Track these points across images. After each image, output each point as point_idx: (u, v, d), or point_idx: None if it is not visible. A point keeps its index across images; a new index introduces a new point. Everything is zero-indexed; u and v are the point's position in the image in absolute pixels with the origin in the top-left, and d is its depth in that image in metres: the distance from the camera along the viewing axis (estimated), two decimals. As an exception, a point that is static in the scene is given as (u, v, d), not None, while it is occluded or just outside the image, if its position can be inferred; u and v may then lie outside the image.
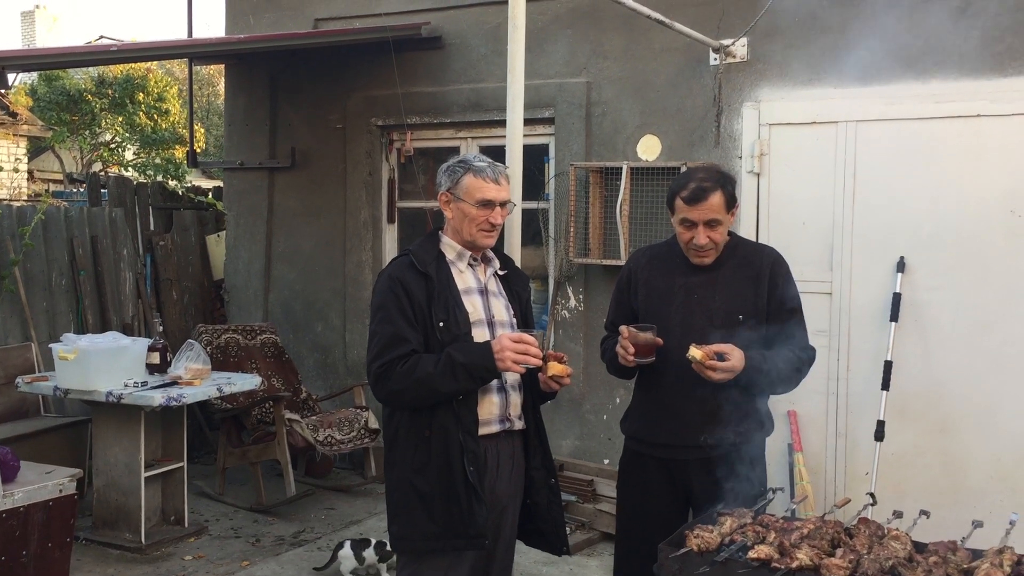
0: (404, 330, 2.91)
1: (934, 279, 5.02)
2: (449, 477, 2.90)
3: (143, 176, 14.78)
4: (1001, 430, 4.87)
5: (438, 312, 2.92)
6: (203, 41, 7.71)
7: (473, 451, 2.90)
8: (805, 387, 5.07)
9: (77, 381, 5.14)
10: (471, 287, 3.05)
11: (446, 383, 2.85)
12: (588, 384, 6.02)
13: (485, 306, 3.04)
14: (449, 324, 2.92)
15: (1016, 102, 4.79)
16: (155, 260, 7.41)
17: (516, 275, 3.25)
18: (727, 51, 5.50)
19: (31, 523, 4.40)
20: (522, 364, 2.84)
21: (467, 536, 2.90)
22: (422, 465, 2.94)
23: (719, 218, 3.16)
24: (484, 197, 2.98)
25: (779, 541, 2.54)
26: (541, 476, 3.14)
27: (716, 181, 3.19)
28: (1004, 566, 2.43)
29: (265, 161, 7.35)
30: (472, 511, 2.88)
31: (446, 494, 2.90)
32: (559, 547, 3.18)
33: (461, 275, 3.04)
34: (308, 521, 5.84)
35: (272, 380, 6.49)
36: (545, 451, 3.17)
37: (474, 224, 3.00)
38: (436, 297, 2.93)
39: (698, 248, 3.19)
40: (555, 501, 3.17)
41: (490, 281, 3.11)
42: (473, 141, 6.60)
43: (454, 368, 2.83)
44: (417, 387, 2.87)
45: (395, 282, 2.96)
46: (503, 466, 3.05)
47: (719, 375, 3.01)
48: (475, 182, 2.99)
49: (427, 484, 2.93)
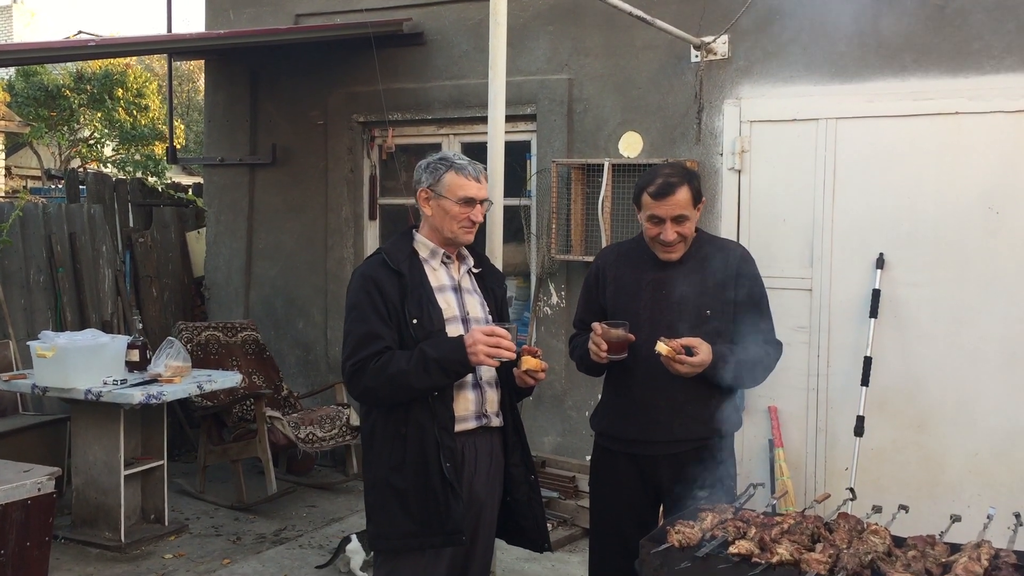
0: (377, 328, 2.90)
1: (913, 275, 5.05)
2: (425, 474, 2.89)
3: (122, 172, 14.67)
4: (978, 425, 4.91)
5: (411, 310, 2.91)
6: (183, 36, 7.67)
7: (450, 447, 2.89)
8: (785, 383, 5.18)
9: (56, 379, 5.11)
10: (444, 284, 3.04)
11: (419, 379, 2.84)
12: (570, 381, 6.02)
13: (459, 303, 3.04)
14: (423, 321, 2.91)
15: (994, 100, 4.83)
16: (134, 257, 7.36)
17: (491, 272, 3.24)
18: (708, 48, 5.51)
19: (9, 522, 4.36)
20: (495, 357, 2.83)
21: (444, 533, 2.89)
22: (399, 462, 2.93)
23: (686, 213, 3.17)
24: (466, 195, 2.98)
25: (759, 536, 2.55)
26: (520, 472, 3.13)
27: (682, 176, 3.21)
28: (982, 560, 2.45)
29: (246, 157, 7.31)
30: (449, 507, 2.88)
31: (423, 491, 2.89)
32: (540, 544, 3.17)
33: (434, 273, 3.03)
34: (290, 519, 5.82)
35: (253, 377, 6.47)
36: (524, 447, 3.17)
37: (455, 221, 2.99)
38: (409, 295, 2.93)
39: (665, 244, 3.20)
40: (535, 498, 3.16)
41: (464, 278, 3.11)
42: (455, 138, 6.59)
43: (427, 363, 2.82)
44: (390, 383, 2.86)
45: (368, 280, 2.95)
46: (481, 463, 3.04)
47: (687, 368, 3.03)
48: (457, 179, 2.99)
49: (404, 481, 2.92)
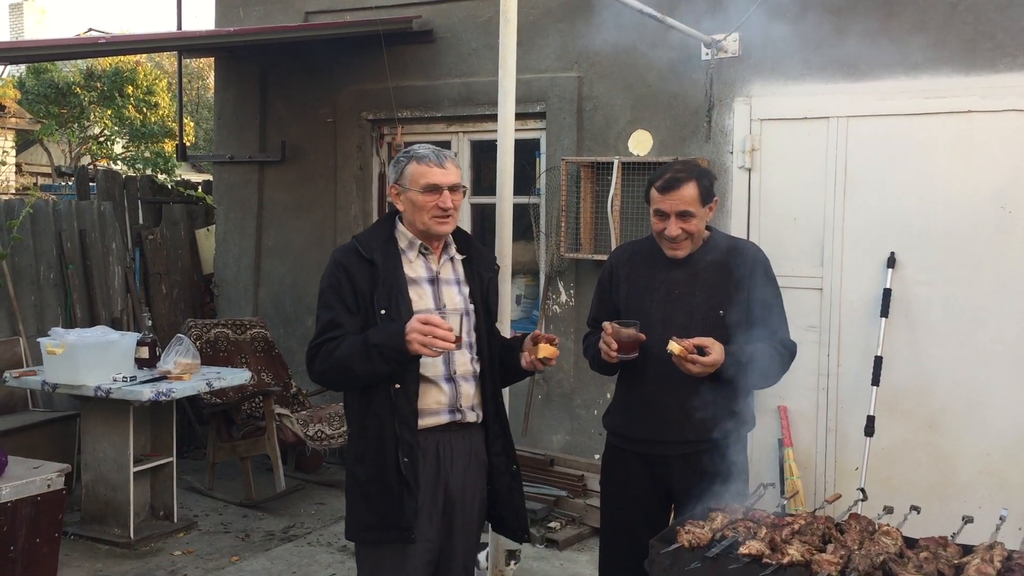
0: (340, 316, 2.89)
1: (924, 275, 5.03)
2: (383, 468, 2.86)
3: (132, 170, 14.71)
4: (990, 425, 4.88)
5: (380, 300, 2.88)
6: (193, 34, 7.68)
7: (408, 442, 2.85)
8: (795, 382, 5.15)
9: (65, 376, 5.12)
10: (420, 276, 2.98)
11: (362, 364, 2.81)
12: (579, 379, 6.01)
13: (435, 295, 2.98)
14: (391, 312, 2.86)
15: (1006, 98, 4.80)
16: (144, 254, 7.37)
17: (478, 255, 3.14)
18: (719, 46, 5.49)
19: (19, 518, 4.37)
20: (432, 347, 2.75)
21: (399, 528, 2.85)
22: (360, 454, 2.93)
23: (691, 210, 3.14)
24: (429, 182, 2.91)
25: (770, 537, 2.54)
26: (502, 462, 3.08)
27: (692, 173, 3.19)
28: (994, 561, 2.43)
29: (255, 155, 7.32)
30: (402, 503, 2.84)
31: (380, 485, 2.87)
32: (520, 534, 3.15)
33: (411, 264, 2.98)
34: (298, 516, 5.82)
35: (262, 375, 6.47)
36: (506, 438, 3.11)
37: (425, 212, 2.92)
38: (380, 285, 2.89)
39: (670, 240, 3.18)
40: (516, 488, 3.12)
41: (444, 268, 3.04)
42: (464, 135, 6.58)
43: (368, 349, 2.79)
44: (336, 368, 2.85)
45: (338, 267, 2.94)
46: (457, 460, 2.97)
47: (699, 368, 3.01)
48: (419, 168, 2.93)
49: (364, 474, 2.91)
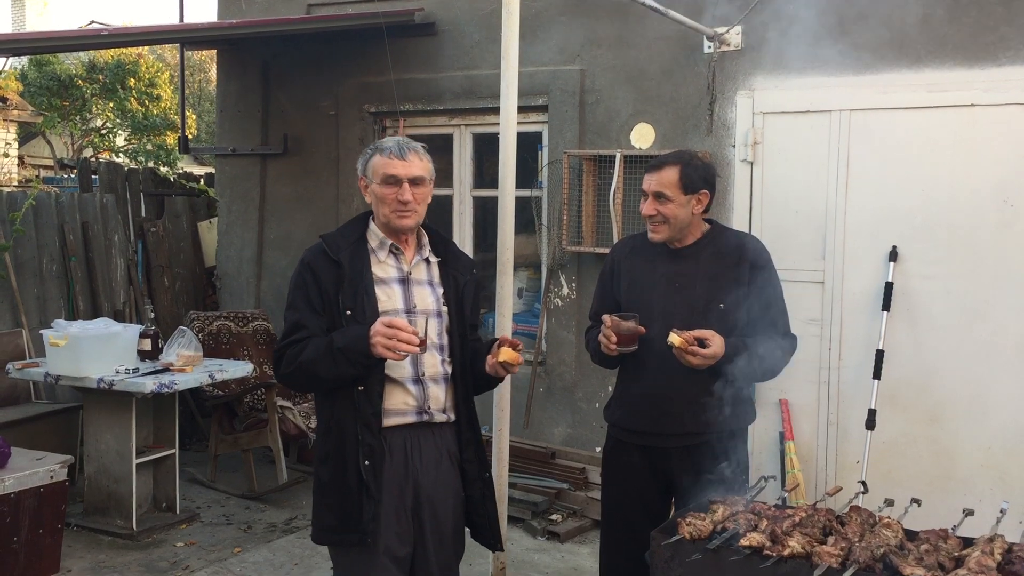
0: (306, 318, 2.88)
1: (926, 268, 5.03)
2: (344, 469, 2.84)
3: (134, 162, 14.71)
4: (991, 419, 4.89)
5: (346, 301, 2.85)
6: (195, 26, 7.67)
7: (369, 444, 2.82)
8: (797, 376, 5.16)
9: (68, 367, 5.13)
10: (390, 276, 2.95)
11: (326, 367, 2.79)
12: (580, 372, 6.02)
13: (405, 295, 2.93)
14: (356, 314, 2.84)
15: (1009, 91, 4.79)
16: (146, 246, 7.38)
17: (454, 258, 3.09)
18: (721, 39, 5.48)
19: (22, 509, 4.39)
20: (396, 351, 2.72)
21: (357, 532, 2.82)
22: (324, 455, 2.91)
23: (668, 193, 3.15)
24: (387, 172, 2.88)
25: (771, 529, 2.55)
26: (474, 469, 3.02)
27: (679, 159, 3.21)
28: (995, 554, 2.44)
29: (257, 148, 7.32)
30: (360, 506, 2.81)
31: (340, 487, 2.85)
32: (493, 543, 3.10)
33: (380, 264, 2.95)
34: (300, 508, 5.83)
35: (264, 367, 6.48)
36: (478, 444, 3.05)
37: (385, 205, 2.90)
38: (346, 285, 2.87)
39: (645, 218, 3.21)
40: (488, 495, 3.07)
41: (417, 269, 2.99)
42: (466, 128, 6.58)
43: (333, 353, 2.77)
44: (301, 370, 2.83)
45: (305, 268, 2.93)
46: (427, 456, 2.93)
47: (699, 361, 3.02)
48: (380, 160, 2.91)
49: (326, 474, 2.89)
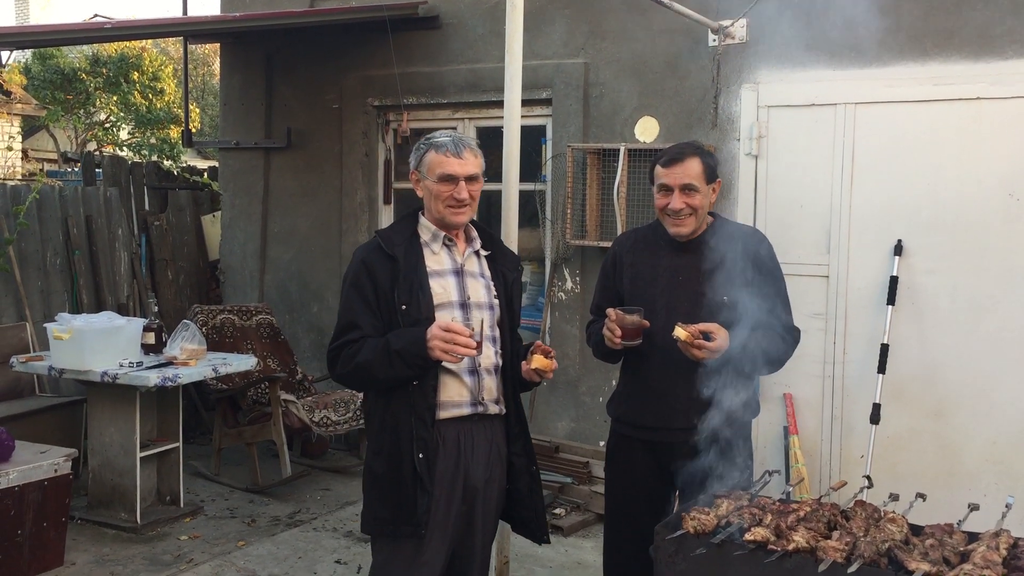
0: (359, 316, 2.90)
1: (931, 263, 5.01)
2: (399, 463, 2.87)
3: (138, 156, 14.72)
4: (996, 413, 4.88)
5: (401, 295, 2.88)
6: (198, 19, 7.67)
7: (423, 439, 2.85)
8: (801, 370, 5.15)
9: (72, 361, 5.13)
10: (445, 268, 2.98)
11: (383, 369, 2.82)
12: (584, 367, 6.01)
13: (459, 287, 2.97)
14: (411, 308, 2.87)
15: (1015, 85, 4.77)
16: (150, 240, 7.38)
17: (502, 254, 3.15)
18: (726, 32, 5.46)
19: (26, 503, 4.40)
20: (454, 354, 2.76)
21: (411, 524, 2.85)
22: (378, 448, 2.94)
23: (695, 183, 3.14)
24: (445, 172, 2.91)
25: (775, 523, 2.54)
26: (522, 463, 3.07)
27: (696, 150, 3.21)
28: (1000, 548, 2.43)
29: (261, 141, 7.31)
30: (415, 500, 2.84)
31: (395, 480, 2.88)
32: (539, 536, 3.13)
33: (434, 256, 2.98)
34: (304, 502, 5.84)
35: (268, 361, 6.48)
36: (526, 438, 3.11)
37: (440, 201, 2.94)
38: (401, 280, 2.89)
39: (674, 214, 3.16)
40: (536, 489, 3.11)
41: (469, 261, 3.03)
42: (470, 122, 6.57)
43: (390, 355, 2.80)
44: (357, 372, 2.87)
45: (361, 266, 2.96)
46: (478, 449, 2.97)
47: (704, 354, 3.01)
48: (436, 158, 2.93)
49: (381, 467, 2.92)
